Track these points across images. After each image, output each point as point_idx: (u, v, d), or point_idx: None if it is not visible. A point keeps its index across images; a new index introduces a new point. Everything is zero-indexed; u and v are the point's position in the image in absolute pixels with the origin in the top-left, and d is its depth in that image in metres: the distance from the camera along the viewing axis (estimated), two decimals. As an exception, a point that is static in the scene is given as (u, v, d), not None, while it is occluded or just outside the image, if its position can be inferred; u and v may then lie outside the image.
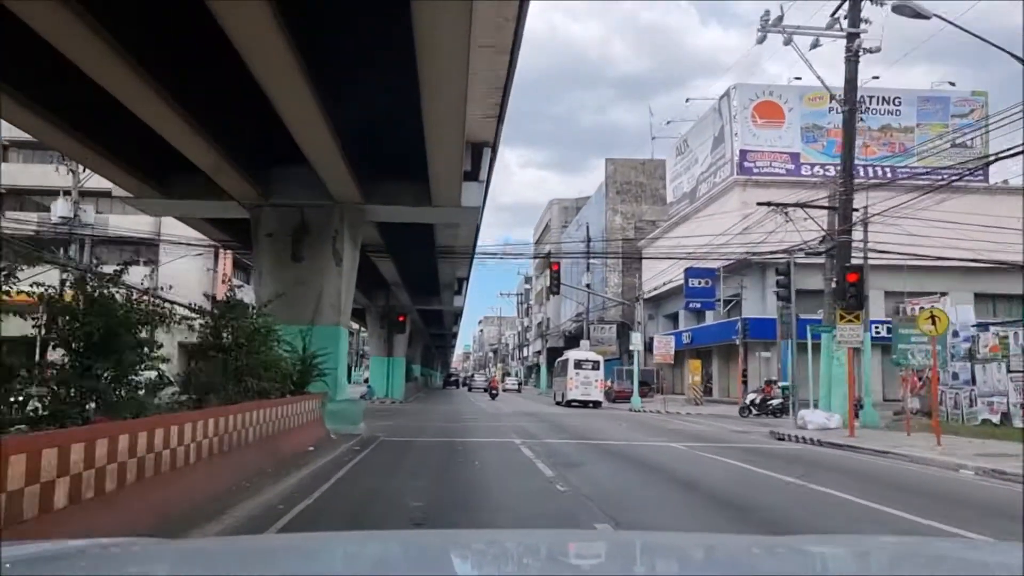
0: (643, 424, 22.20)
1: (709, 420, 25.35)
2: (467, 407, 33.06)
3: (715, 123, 36.70)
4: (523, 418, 24.69)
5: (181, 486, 7.01)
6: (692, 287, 34.73)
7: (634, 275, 49.31)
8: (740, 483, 10.29)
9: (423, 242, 19.82)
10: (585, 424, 21.63)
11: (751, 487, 9.95)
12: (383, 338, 35.47)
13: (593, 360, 38.26)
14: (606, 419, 25.13)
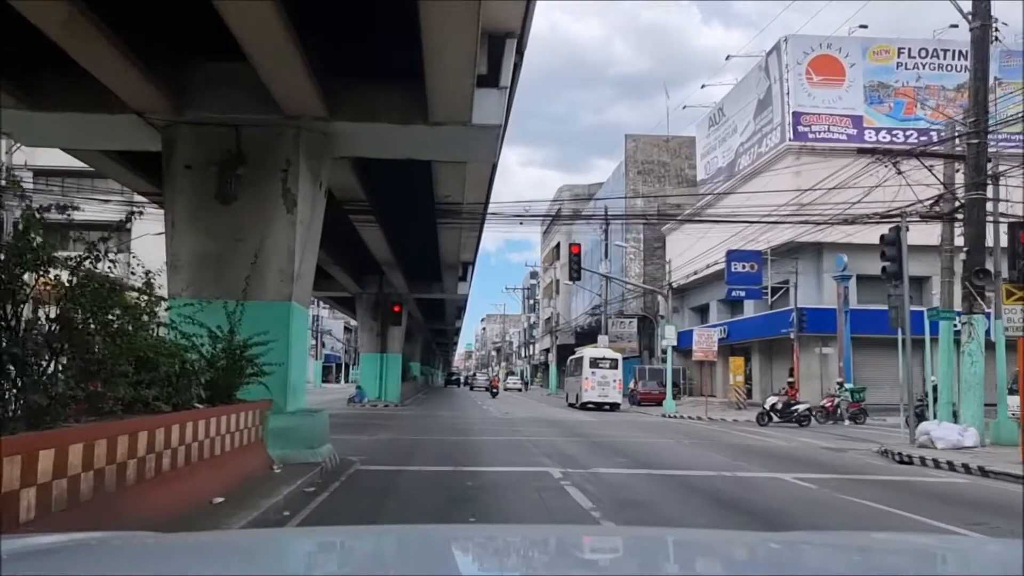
0: (702, 437, 17.34)
1: (771, 430, 20.52)
2: (474, 412, 28.20)
3: (760, 84, 31.80)
4: (543, 427, 19.88)
5: None
6: (735, 272, 29.84)
7: (657, 265, 44.46)
8: None
9: (418, 196, 14.96)
10: (629, 438, 16.78)
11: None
12: (375, 331, 30.61)
13: (611, 358, 34.07)
14: (648, 429, 20.25)
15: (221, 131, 9.93)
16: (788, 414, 22.31)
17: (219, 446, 7.97)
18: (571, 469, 10.56)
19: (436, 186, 14.10)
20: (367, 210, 15.51)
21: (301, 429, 9.87)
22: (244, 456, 8.55)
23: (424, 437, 16.11)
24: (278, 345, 9.51)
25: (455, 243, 20.30)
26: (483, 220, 16.98)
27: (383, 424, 19.93)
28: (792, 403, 22.84)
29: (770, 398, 23.68)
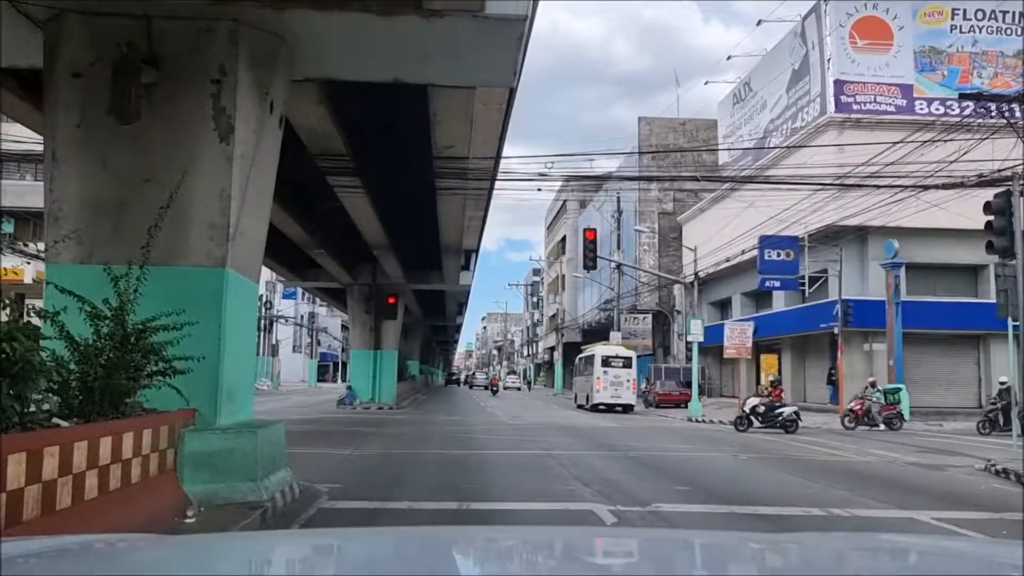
0: (756, 450, 14.29)
1: (829, 437, 17.53)
2: (478, 416, 25.15)
3: (795, 52, 28.71)
4: (560, 435, 16.87)
5: None
6: (769, 260, 26.82)
7: (673, 257, 41.46)
8: None
9: (413, 146, 11.89)
10: (670, 451, 13.75)
11: None
12: (368, 326, 27.57)
13: (624, 356, 31.28)
14: (684, 438, 17.20)
15: (124, 23, 6.89)
16: (772, 419, 19.30)
17: (88, 487, 4.95)
18: (622, 506, 7.53)
19: (435, 131, 11.02)
20: (349, 168, 12.44)
21: (238, 453, 6.82)
22: (135, 500, 5.51)
23: (420, 451, 13.08)
24: (204, 330, 6.51)
25: (457, 218, 17.18)
26: (492, 184, 13.79)
27: (373, 432, 16.89)
28: (777, 405, 19.80)
29: (750, 399, 20.53)
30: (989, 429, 19.22)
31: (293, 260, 25.58)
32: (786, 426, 19.09)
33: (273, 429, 7.66)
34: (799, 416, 19.85)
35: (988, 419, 19.52)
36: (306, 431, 16.70)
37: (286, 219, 15.99)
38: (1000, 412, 19.11)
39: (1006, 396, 19.11)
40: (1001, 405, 19.15)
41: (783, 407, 19.88)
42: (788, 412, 19.62)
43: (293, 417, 21.87)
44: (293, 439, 15.45)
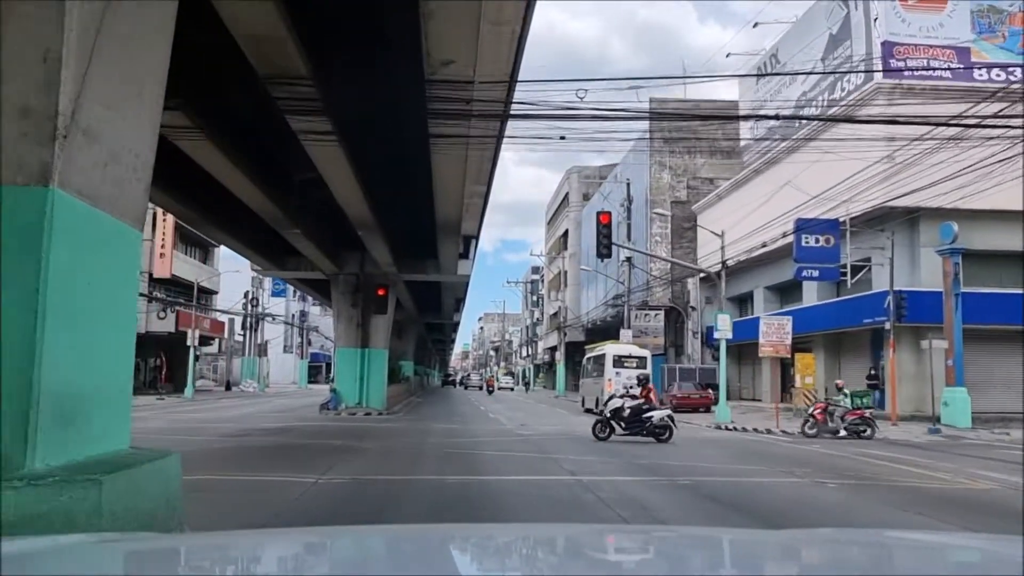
0: (833, 471, 11.20)
1: (896, 451, 14.51)
2: (478, 422, 22.02)
3: (833, 15, 25.66)
4: (580, 449, 13.84)
5: None
6: (806, 247, 23.79)
7: (687, 249, 38.44)
8: None
9: (397, 63, 8.76)
10: (728, 476, 10.67)
11: None
12: (355, 321, 24.46)
13: (638, 356, 28.79)
14: (733, 454, 14.10)
15: None
16: (637, 424, 15.78)
17: None
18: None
19: (426, 35, 7.90)
20: (314, 101, 9.33)
21: (64, 517, 3.73)
22: None
23: (409, 477, 9.99)
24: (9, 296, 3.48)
25: (456, 183, 14.02)
26: (503, 125, 10.51)
27: (353, 446, 13.80)
28: (645, 408, 16.03)
29: (612, 400, 16.72)
30: None
31: (268, 245, 22.48)
32: (656, 434, 15.67)
33: (149, 470, 4.55)
34: (674, 422, 16.12)
35: None
36: (269, 446, 13.65)
37: (245, 184, 12.93)
38: None
39: None
40: None
41: (652, 410, 16.09)
42: (659, 417, 15.90)
43: (265, 425, 18.79)
44: (248, 458, 12.36)
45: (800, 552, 2.15)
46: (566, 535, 2.57)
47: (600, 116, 10.06)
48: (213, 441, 14.38)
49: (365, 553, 2.07)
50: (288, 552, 2.12)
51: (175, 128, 10.05)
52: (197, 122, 9.89)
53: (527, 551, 2.22)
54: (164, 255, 39.34)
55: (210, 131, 10.25)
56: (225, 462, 11.26)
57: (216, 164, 11.61)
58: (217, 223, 17.61)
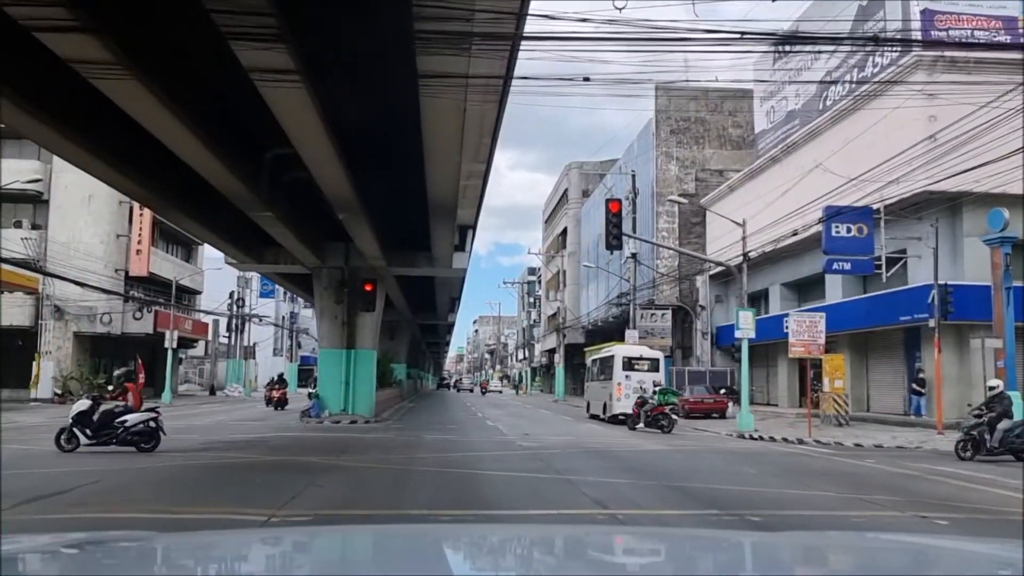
0: (912, 496, 9.01)
1: (982, 469, 12.30)
2: (477, 431, 19.70)
3: (863, -17, 23.49)
4: (601, 467, 11.65)
5: None
6: (836, 237, 21.61)
7: (695, 245, 36.25)
8: None
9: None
10: (797, 507, 8.45)
11: None
12: (340, 319, 22.14)
13: (649, 358, 26.57)
14: (776, 469, 11.81)
15: None
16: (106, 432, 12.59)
17: None
18: None
19: None
20: (269, 28, 7.08)
21: None
22: None
23: (393, 512, 7.70)
24: None
25: (452, 145, 11.66)
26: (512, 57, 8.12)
27: (328, 465, 11.53)
28: (120, 410, 12.73)
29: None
30: (972, 452, 13.80)
31: (242, 235, 20.17)
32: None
33: None
34: (160, 426, 12.79)
35: (971, 438, 13.98)
36: (227, 465, 11.39)
37: (192, 145, 10.65)
38: (987, 428, 13.76)
39: (998, 406, 13.89)
40: (988, 418, 13.78)
41: (127, 413, 12.69)
42: (135, 421, 12.63)
43: (233, 437, 16.49)
44: (193, 483, 9.91)
45: (800, 555, 2.11)
46: (569, 536, 2.65)
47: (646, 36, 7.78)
48: (164, 457, 12.11)
49: (363, 552, 2.08)
50: (281, 551, 2.10)
51: (93, 64, 7.82)
52: (119, 55, 7.66)
53: (522, 551, 2.20)
54: (141, 252, 36.97)
55: (138, 69, 8.01)
56: (159, 490, 9.01)
57: (149, 112, 9.36)
58: (177, 204, 15.31)
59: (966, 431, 14.17)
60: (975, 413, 14.29)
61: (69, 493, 8.56)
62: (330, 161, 11.79)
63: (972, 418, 14.23)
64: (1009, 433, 13.64)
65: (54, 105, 10.18)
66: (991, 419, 13.78)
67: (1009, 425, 13.74)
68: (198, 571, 1.88)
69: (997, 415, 13.81)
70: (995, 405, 13.97)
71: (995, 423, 13.74)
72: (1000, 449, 13.59)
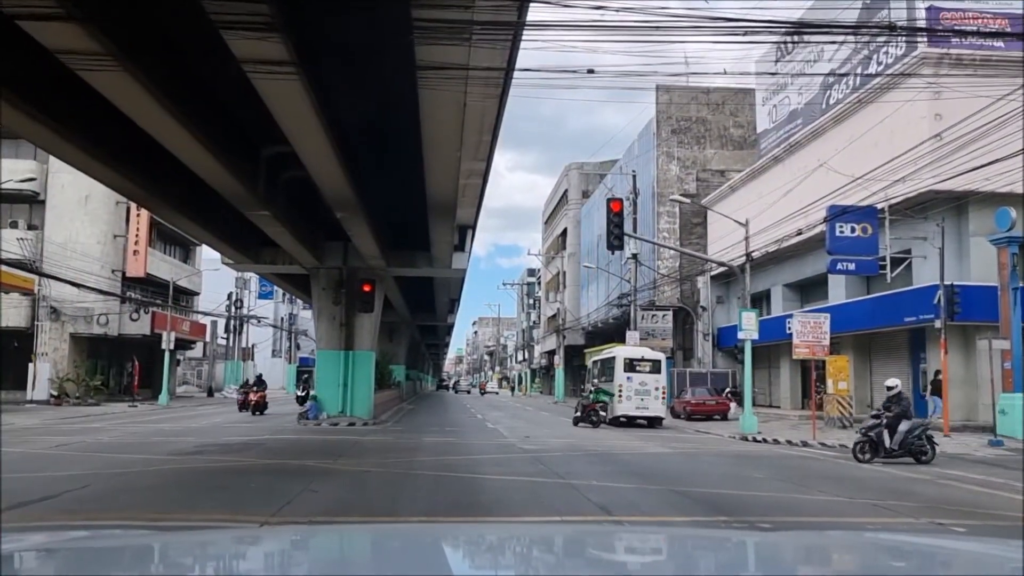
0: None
1: (993, 472, 12.03)
2: (476, 433, 19.40)
3: (867, -20, 23.26)
4: (603, 470, 11.36)
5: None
6: (840, 237, 21.36)
7: (696, 245, 35.99)
8: None
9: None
10: (816, 516, 8.19)
11: None
12: (337, 320, 21.88)
13: (651, 359, 26.23)
14: (789, 475, 11.51)
15: None
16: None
17: None
18: None
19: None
20: (263, 19, 6.80)
21: None
22: None
23: (383, 522, 7.43)
24: None
25: (452, 141, 11.40)
26: (514, 47, 7.81)
27: (324, 469, 11.26)
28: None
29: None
30: (870, 454, 13.32)
31: (239, 235, 19.91)
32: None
33: None
34: None
35: (868, 439, 13.50)
36: (220, 469, 11.12)
37: (184, 139, 10.38)
38: (886, 430, 13.28)
39: (897, 407, 13.44)
40: (887, 420, 13.32)
41: None
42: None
43: (228, 439, 16.22)
44: (185, 488, 9.54)
45: (800, 555, 2.09)
46: (568, 535, 2.69)
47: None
48: (155, 461, 11.85)
49: (362, 551, 2.06)
50: (279, 550, 2.10)
51: (81, 55, 7.55)
52: (107, 45, 7.40)
53: (522, 550, 2.18)
54: (138, 253, 36.67)
55: (128, 61, 7.75)
56: (148, 495, 8.73)
57: (140, 107, 9.09)
58: (173, 203, 15.03)
59: (863, 433, 13.66)
60: (873, 414, 13.77)
61: (56, 498, 8.30)
62: (327, 158, 11.53)
63: (871, 419, 13.76)
64: (908, 434, 13.18)
65: (50, 104, 9.93)
66: (890, 420, 13.30)
67: (908, 426, 13.26)
68: (195, 570, 1.86)
69: (896, 416, 13.31)
70: (894, 406, 13.49)
71: (894, 424, 13.26)
72: (899, 451, 13.13)
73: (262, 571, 1.94)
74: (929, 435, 13.49)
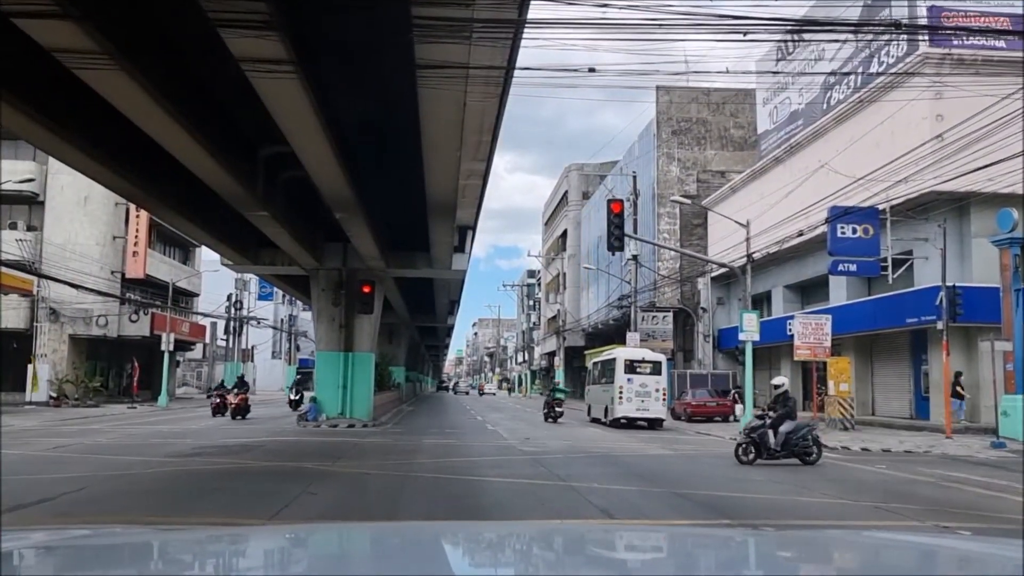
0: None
1: (995, 474, 11.94)
2: (475, 434, 19.33)
3: (868, -20, 23.21)
4: (605, 472, 11.28)
5: None
6: (842, 238, 21.29)
7: (697, 247, 35.92)
8: None
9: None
10: (833, 520, 8.12)
11: None
12: (337, 322, 21.82)
13: (652, 360, 26.23)
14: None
15: None
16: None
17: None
18: None
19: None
20: (261, 16, 6.73)
21: None
22: None
23: (388, 521, 7.37)
24: None
25: (451, 141, 11.33)
26: (515, 42, 7.74)
27: (322, 471, 11.19)
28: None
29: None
30: (753, 455, 12.94)
31: (239, 236, 19.84)
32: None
33: None
34: None
35: (751, 440, 13.08)
36: (218, 471, 11.04)
37: (182, 139, 10.31)
38: (770, 431, 12.92)
39: (781, 407, 13.18)
40: (771, 420, 13.01)
41: None
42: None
43: (227, 441, 16.14)
44: (183, 490, 9.39)
45: (800, 554, 2.07)
46: (566, 533, 2.66)
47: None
48: (153, 463, 11.77)
49: (362, 550, 2.06)
50: (279, 548, 2.10)
51: (77, 53, 7.48)
52: (104, 44, 7.33)
53: (522, 547, 2.19)
54: (138, 254, 36.57)
55: (124, 59, 7.68)
56: (144, 498, 8.66)
57: (138, 106, 9.02)
58: (171, 204, 14.96)
59: (746, 433, 13.33)
60: (758, 415, 13.53)
61: (53, 501, 8.22)
62: (326, 158, 11.46)
63: (755, 420, 13.47)
64: (792, 435, 12.91)
65: (48, 104, 9.87)
66: (774, 421, 13.04)
67: (791, 427, 13.00)
68: (196, 567, 1.85)
69: (779, 417, 13.05)
70: (779, 406, 13.25)
71: (778, 425, 13.00)
72: (782, 452, 12.84)
73: (262, 569, 1.93)
74: (815, 435, 13.18)
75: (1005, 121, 16.86)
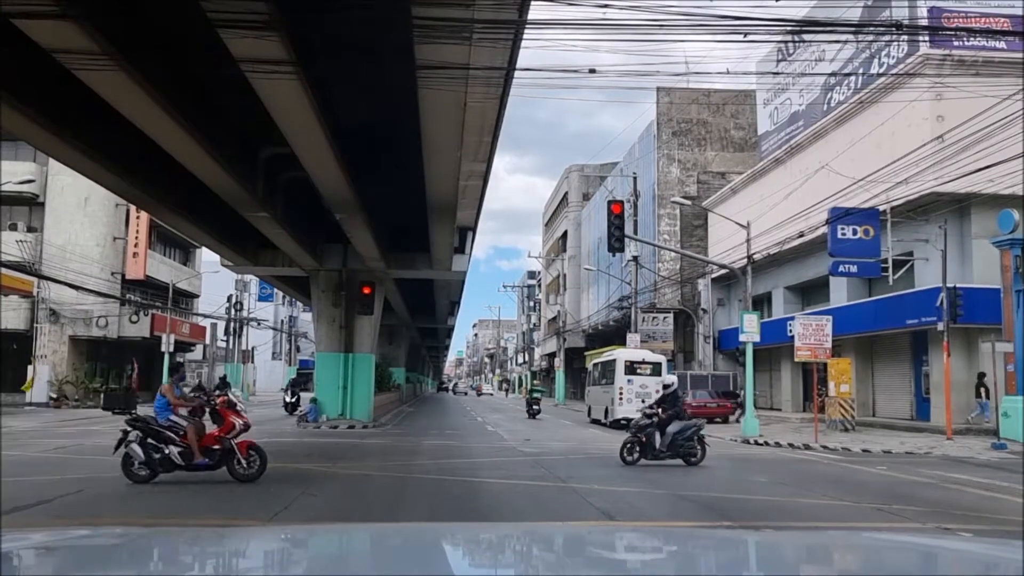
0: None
1: (997, 476, 11.92)
2: (475, 435, 19.30)
3: (868, -19, 23.19)
4: (607, 475, 11.28)
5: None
6: (842, 239, 21.27)
7: (697, 248, 35.90)
8: None
9: None
10: (843, 522, 8.10)
11: None
12: (337, 323, 21.80)
13: (652, 362, 26.43)
14: (801, 479, 11.45)
15: None
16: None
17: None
18: None
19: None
20: (261, 17, 6.72)
21: None
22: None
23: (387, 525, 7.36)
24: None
25: (452, 141, 11.31)
26: (516, 40, 7.71)
27: (322, 472, 11.17)
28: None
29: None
30: (638, 455, 12.75)
31: (239, 237, 19.82)
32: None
33: None
34: None
35: (637, 440, 12.88)
36: (218, 472, 10.96)
37: (183, 140, 10.31)
38: (657, 431, 12.72)
39: (670, 407, 13.01)
40: (658, 420, 12.82)
41: None
42: None
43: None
44: (183, 491, 9.74)
45: (801, 554, 2.08)
46: (566, 534, 2.66)
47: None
48: (153, 465, 11.71)
49: (362, 550, 2.05)
50: (279, 548, 2.09)
51: (77, 54, 7.47)
52: (104, 45, 7.32)
53: (521, 548, 2.18)
54: (138, 255, 36.54)
55: (124, 60, 7.67)
56: (141, 499, 8.64)
57: (137, 107, 9.01)
58: (171, 205, 14.95)
59: (633, 432, 13.11)
60: (646, 413, 13.22)
61: (50, 503, 8.20)
62: (326, 158, 11.44)
63: (643, 419, 13.19)
64: (679, 436, 12.76)
65: (48, 106, 9.87)
66: (662, 420, 12.86)
67: (679, 427, 12.85)
68: (195, 568, 1.85)
69: (667, 417, 12.88)
70: (667, 406, 13.08)
71: (666, 425, 12.82)
72: (667, 453, 12.68)
73: (261, 570, 1.94)
74: (701, 436, 13.04)
75: (1006, 122, 16.87)
